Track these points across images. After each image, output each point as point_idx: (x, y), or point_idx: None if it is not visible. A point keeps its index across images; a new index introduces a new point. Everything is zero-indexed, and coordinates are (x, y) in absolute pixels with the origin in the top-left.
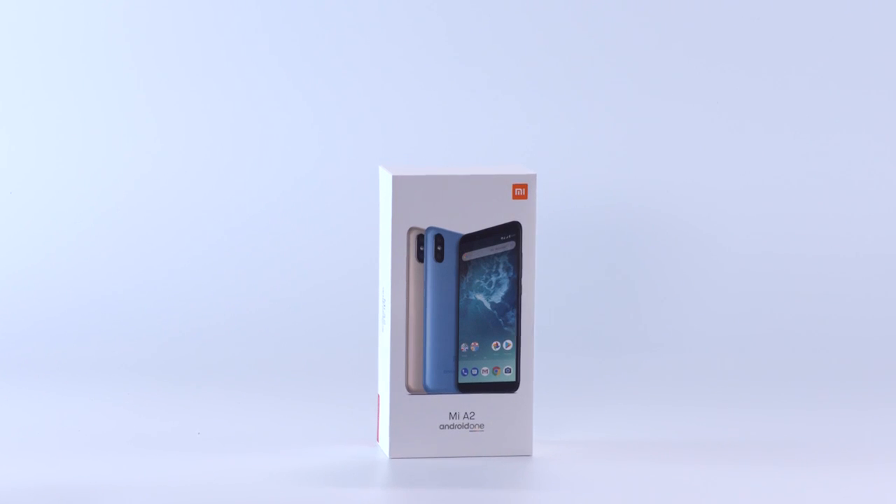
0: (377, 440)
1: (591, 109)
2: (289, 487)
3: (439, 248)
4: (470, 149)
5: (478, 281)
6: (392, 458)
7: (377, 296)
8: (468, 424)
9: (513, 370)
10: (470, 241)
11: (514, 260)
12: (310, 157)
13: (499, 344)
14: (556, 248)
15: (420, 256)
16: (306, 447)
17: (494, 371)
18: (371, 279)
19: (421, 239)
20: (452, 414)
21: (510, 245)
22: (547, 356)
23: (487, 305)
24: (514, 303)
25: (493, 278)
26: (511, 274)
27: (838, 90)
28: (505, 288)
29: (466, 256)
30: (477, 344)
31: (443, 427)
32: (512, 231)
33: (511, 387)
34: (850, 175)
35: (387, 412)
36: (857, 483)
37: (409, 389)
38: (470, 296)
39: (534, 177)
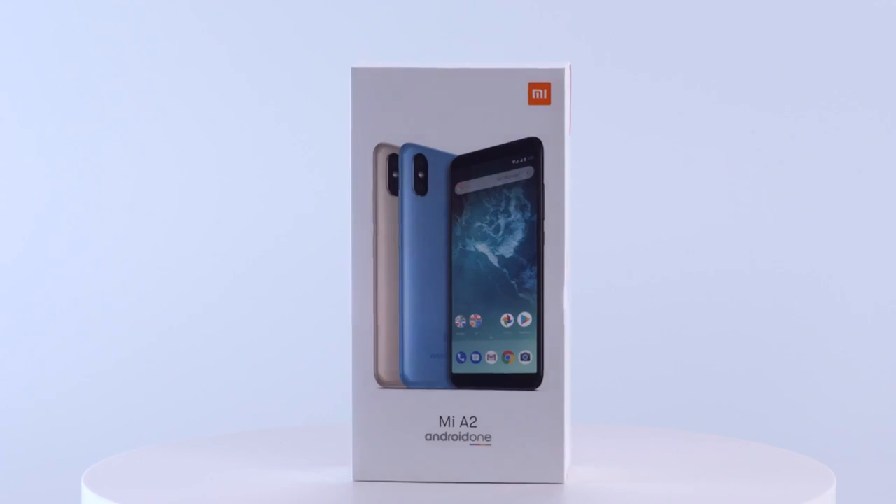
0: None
1: None
2: None
3: (421, 175)
4: None
5: (479, 224)
6: (356, 480)
7: None
8: (468, 435)
9: (532, 357)
10: (466, 164)
11: (534, 195)
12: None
13: (511, 318)
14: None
15: (393, 187)
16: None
17: (506, 357)
18: None
19: (394, 161)
20: (444, 419)
21: (526, 172)
22: (585, 339)
23: (493, 260)
24: (534, 258)
25: (502, 221)
26: (529, 215)
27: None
28: (520, 236)
29: (461, 188)
30: (479, 317)
31: (430, 438)
32: (528, 151)
33: (531, 381)
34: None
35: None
36: None
37: (379, 381)
38: (467, 245)
39: (561, 72)
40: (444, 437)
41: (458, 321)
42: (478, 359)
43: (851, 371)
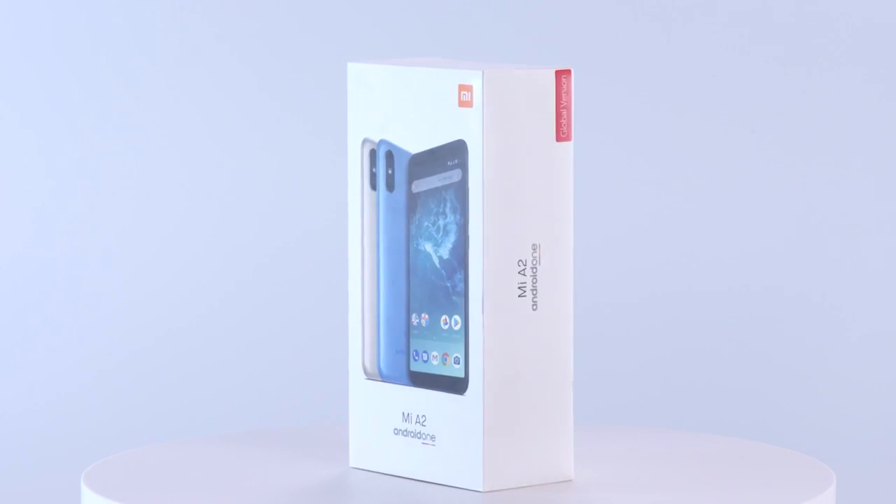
0: None
1: None
2: None
3: (390, 172)
4: None
5: (426, 224)
6: (352, 467)
7: None
8: (420, 433)
9: (462, 361)
10: (418, 164)
11: (462, 197)
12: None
13: (447, 320)
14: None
15: (373, 181)
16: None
17: (444, 359)
18: None
19: (373, 156)
20: (405, 415)
21: (457, 174)
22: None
23: (435, 261)
24: (462, 261)
25: (441, 222)
26: (459, 218)
27: None
28: (453, 238)
29: (416, 186)
30: (427, 317)
31: (396, 432)
32: (458, 154)
33: (460, 385)
34: None
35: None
36: None
37: (365, 372)
38: (419, 244)
39: (480, 74)
40: (405, 433)
41: (414, 319)
42: (426, 358)
43: (852, 371)
